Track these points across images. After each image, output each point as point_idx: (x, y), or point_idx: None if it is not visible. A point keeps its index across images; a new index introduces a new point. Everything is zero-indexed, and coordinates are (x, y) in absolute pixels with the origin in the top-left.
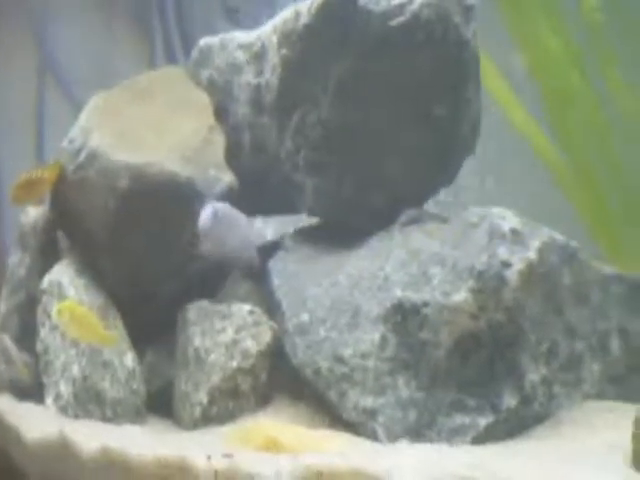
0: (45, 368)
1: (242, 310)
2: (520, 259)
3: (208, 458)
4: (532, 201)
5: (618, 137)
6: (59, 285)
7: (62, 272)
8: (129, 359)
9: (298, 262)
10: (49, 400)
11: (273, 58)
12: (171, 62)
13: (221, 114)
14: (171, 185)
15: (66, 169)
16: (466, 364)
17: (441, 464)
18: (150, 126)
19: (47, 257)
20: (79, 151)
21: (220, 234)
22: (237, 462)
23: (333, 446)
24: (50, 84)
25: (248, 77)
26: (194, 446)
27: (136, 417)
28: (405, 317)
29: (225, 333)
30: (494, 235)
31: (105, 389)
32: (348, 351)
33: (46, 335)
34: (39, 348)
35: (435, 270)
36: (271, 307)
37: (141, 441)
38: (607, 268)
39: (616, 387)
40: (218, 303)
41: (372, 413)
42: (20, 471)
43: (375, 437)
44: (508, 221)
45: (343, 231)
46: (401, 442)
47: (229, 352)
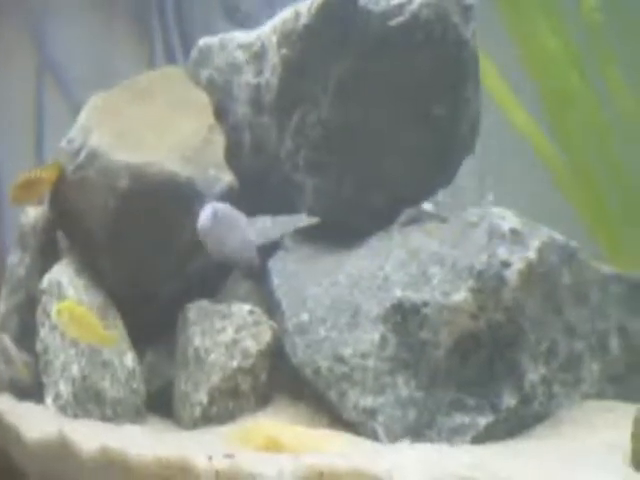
0: (45, 368)
1: (242, 310)
2: (520, 259)
3: (209, 458)
4: (532, 201)
5: (618, 137)
6: (59, 285)
7: (62, 272)
8: (129, 359)
9: (298, 262)
10: (49, 400)
11: (273, 58)
12: (171, 62)
13: (221, 114)
14: (171, 185)
15: (66, 169)
16: (466, 364)
17: (441, 464)
18: (150, 126)
19: (47, 257)
20: (79, 151)
21: (220, 234)
22: (238, 462)
23: (333, 446)
24: (49, 84)
25: (248, 77)
26: (194, 446)
27: (136, 417)
28: (405, 317)
29: (225, 333)
30: (494, 235)
31: (105, 389)
32: (348, 351)
33: (46, 335)
34: (39, 348)
35: (435, 270)
36: (271, 307)
37: (141, 441)
38: (606, 268)
39: (616, 386)
40: (218, 303)
41: (372, 413)
42: (20, 471)
43: (375, 437)
44: (508, 221)
45: (343, 231)
46: (401, 442)
47: (229, 352)
